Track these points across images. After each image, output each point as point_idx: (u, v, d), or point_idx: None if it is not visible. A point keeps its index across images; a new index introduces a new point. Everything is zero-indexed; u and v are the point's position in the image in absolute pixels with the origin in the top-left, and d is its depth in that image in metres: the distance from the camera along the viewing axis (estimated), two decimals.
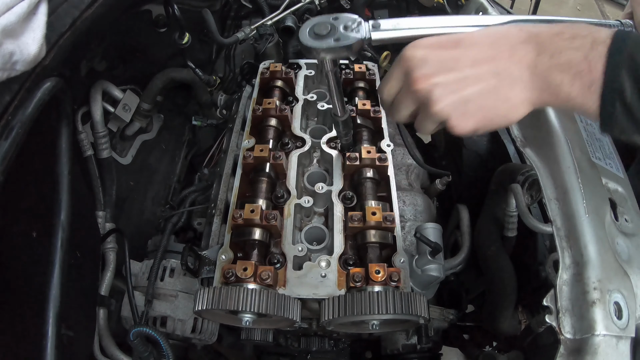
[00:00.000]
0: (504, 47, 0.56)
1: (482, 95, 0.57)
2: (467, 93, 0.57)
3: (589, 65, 0.52)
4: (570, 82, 0.54)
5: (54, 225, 0.72)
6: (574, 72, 0.53)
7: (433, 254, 0.90)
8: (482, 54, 0.56)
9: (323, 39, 0.62)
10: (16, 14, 0.56)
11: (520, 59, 0.56)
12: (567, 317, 0.66)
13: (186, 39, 1.20)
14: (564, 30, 0.55)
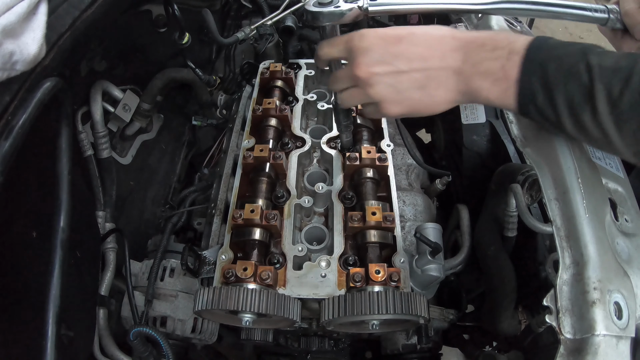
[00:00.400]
0: (437, 52, 0.65)
1: (411, 90, 0.67)
2: (400, 85, 0.67)
3: (505, 73, 0.62)
4: (489, 87, 0.63)
5: (54, 225, 0.72)
6: (492, 79, 0.63)
7: (433, 254, 0.90)
8: (418, 55, 0.65)
9: (325, 6, 0.70)
10: (16, 14, 0.56)
11: (449, 64, 0.65)
12: (567, 317, 0.66)
13: (186, 39, 1.20)
14: (487, 42, 0.64)
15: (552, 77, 0.59)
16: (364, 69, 0.66)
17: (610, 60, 0.57)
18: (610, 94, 0.56)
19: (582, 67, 0.58)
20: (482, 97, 0.65)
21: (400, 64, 0.65)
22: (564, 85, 0.59)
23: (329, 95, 1.21)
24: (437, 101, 0.68)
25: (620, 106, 0.56)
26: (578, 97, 0.58)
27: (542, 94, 0.60)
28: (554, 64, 0.59)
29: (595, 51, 0.59)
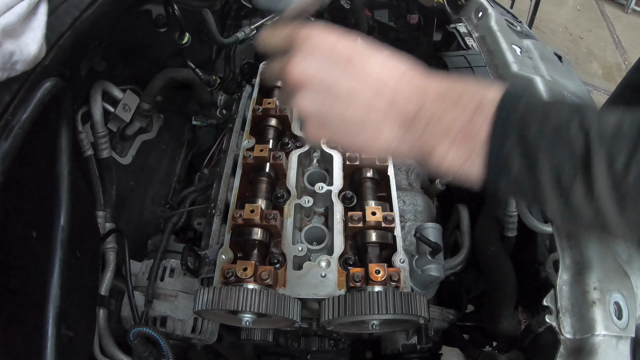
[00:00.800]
0: (387, 93, 0.51)
1: (342, 122, 0.52)
2: (329, 110, 0.52)
3: (469, 132, 0.47)
4: (446, 148, 0.49)
5: (53, 225, 0.72)
6: (450, 138, 0.48)
7: (433, 254, 0.90)
8: (364, 89, 0.51)
9: None
10: (16, 14, 0.56)
11: (399, 112, 0.51)
12: (567, 317, 0.66)
13: (186, 39, 1.20)
14: (450, 91, 0.50)
15: (533, 140, 0.45)
16: (298, 70, 0.52)
17: (610, 122, 0.44)
18: (613, 166, 0.42)
19: (575, 130, 0.44)
20: (435, 160, 0.50)
21: (341, 91, 0.51)
22: (550, 153, 0.45)
23: None
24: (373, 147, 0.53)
25: (625, 182, 0.42)
26: (568, 169, 0.44)
27: (520, 163, 0.46)
28: (536, 124, 0.45)
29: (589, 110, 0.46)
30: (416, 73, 0.52)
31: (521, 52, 1.06)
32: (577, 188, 0.45)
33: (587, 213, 0.46)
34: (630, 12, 5.50)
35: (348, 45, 0.52)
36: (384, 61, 0.52)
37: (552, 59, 1.12)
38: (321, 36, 0.52)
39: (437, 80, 0.51)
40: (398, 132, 0.51)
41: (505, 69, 1.00)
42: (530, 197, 0.48)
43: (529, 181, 0.46)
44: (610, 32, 5.12)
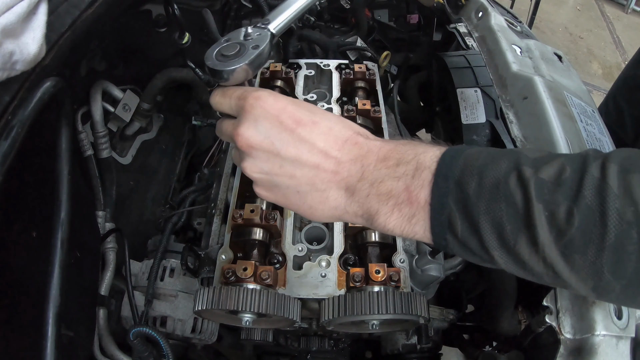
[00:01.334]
0: (331, 161, 0.52)
1: (287, 188, 0.54)
2: (278, 178, 0.54)
3: (409, 196, 0.48)
4: (388, 212, 0.50)
5: (53, 225, 0.72)
6: (392, 203, 0.49)
7: (433, 253, 0.90)
8: (309, 157, 0.52)
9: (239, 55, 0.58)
10: (16, 14, 0.56)
11: (342, 179, 0.52)
12: (567, 317, 0.66)
13: (186, 39, 1.20)
14: (391, 154, 0.51)
15: (473, 198, 0.45)
16: (244, 139, 0.53)
17: (550, 170, 0.43)
18: (554, 217, 0.42)
19: (513, 182, 0.44)
20: (380, 224, 0.51)
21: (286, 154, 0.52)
22: (489, 209, 0.44)
23: (328, 95, 1.21)
24: (319, 213, 0.55)
25: (568, 233, 0.42)
26: (511, 224, 0.44)
27: (463, 222, 0.46)
28: (474, 180, 0.45)
29: (528, 159, 0.45)
30: (359, 139, 0.53)
31: (521, 52, 1.06)
32: (521, 244, 0.44)
33: (538, 269, 0.45)
34: (630, 12, 5.50)
35: (295, 112, 0.53)
36: (329, 128, 0.53)
37: (552, 58, 1.12)
38: (269, 102, 0.53)
39: (378, 145, 0.52)
40: (343, 198, 0.52)
41: (505, 69, 1.00)
42: (480, 257, 0.48)
43: (475, 241, 0.46)
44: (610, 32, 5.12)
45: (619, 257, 0.41)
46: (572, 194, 0.42)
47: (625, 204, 0.40)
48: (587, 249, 0.42)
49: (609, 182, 0.41)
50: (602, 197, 0.41)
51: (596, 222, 0.41)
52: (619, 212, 0.40)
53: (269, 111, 0.53)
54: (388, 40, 1.72)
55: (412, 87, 1.60)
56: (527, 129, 0.84)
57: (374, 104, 1.12)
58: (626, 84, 1.80)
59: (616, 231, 0.40)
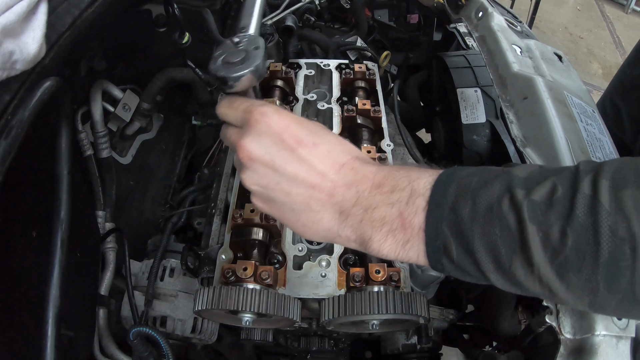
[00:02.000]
0: (327, 183, 0.53)
1: (285, 206, 0.55)
2: (273, 195, 0.55)
3: (403, 222, 0.49)
4: (382, 238, 0.50)
5: (53, 225, 0.72)
6: (386, 229, 0.50)
7: None
8: (307, 177, 0.53)
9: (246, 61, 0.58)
10: (16, 13, 0.56)
11: (337, 202, 0.53)
12: (567, 317, 0.66)
13: (186, 39, 1.20)
14: (385, 181, 0.51)
15: (467, 223, 0.45)
16: (246, 151, 0.54)
17: (542, 190, 0.44)
18: (548, 237, 0.42)
19: (507, 206, 0.44)
20: (374, 249, 0.51)
21: (285, 172, 0.53)
22: (484, 233, 0.45)
23: (328, 95, 1.21)
24: (312, 231, 0.56)
25: (562, 252, 0.42)
26: (505, 247, 0.44)
27: (458, 247, 0.46)
28: (467, 205, 0.46)
29: (520, 179, 0.46)
30: (356, 164, 0.54)
31: (521, 52, 1.06)
32: (517, 266, 0.45)
33: (533, 287, 0.46)
34: (630, 12, 5.50)
35: (297, 132, 0.54)
36: (328, 151, 0.54)
37: (553, 58, 1.12)
38: (274, 119, 0.54)
39: (374, 171, 0.53)
40: (336, 221, 0.53)
41: (505, 69, 1.00)
42: (476, 279, 0.49)
43: (471, 265, 0.47)
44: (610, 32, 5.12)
45: (614, 273, 0.41)
46: (565, 213, 0.42)
47: (617, 221, 0.40)
48: (581, 267, 0.42)
49: (601, 199, 0.41)
50: (594, 215, 0.41)
51: (590, 240, 0.41)
52: (611, 229, 0.40)
53: (272, 128, 0.53)
54: (388, 40, 1.72)
55: (412, 87, 1.60)
56: (527, 129, 0.84)
57: (374, 103, 1.12)
58: (622, 84, 1.80)
59: (609, 248, 0.41)
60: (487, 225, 0.45)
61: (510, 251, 0.44)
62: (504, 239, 0.44)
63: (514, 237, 0.44)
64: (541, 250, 0.43)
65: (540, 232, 0.43)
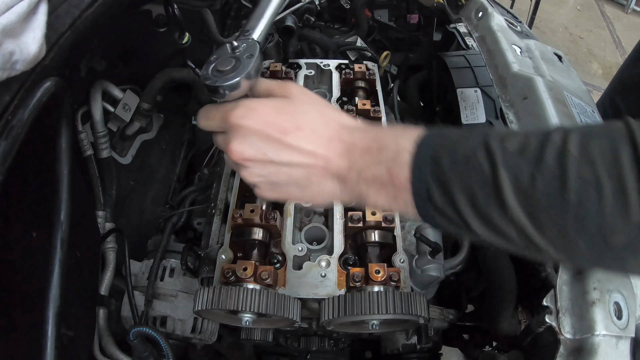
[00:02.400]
0: (320, 158, 0.57)
1: (288, 185, 0.60)
2: (274, 178, 0.59)
3: (392, 177, 0.53)
4: (376, 193, 0.55)
5: (53, 225, 0.72)
6: (378, 185, 0.54)
7: (433, 253, 0.90)
8: (300, 159, 0.57)
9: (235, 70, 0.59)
10: (16, 14, 0.56)
11: (334, 172, 0.57)
12: (567, 317, 0.66)
13: (186, 39, 1.20)
14: (373, 144, 0.55)
15: (447, 171, 0.49)
16: (237, 154, 0.58)
17: (515, 141, 0.47)
18: (519, 182, 0.46)
19: (482, 155, 0.48)
20: (371, 203, 0.57)
21: (280, 160, 0.57)
22: (461, 180, 0.48)
23: (328, 95, 1.21)
24: (319, 200, 0.61)
25: (533, 196, 0.45)
26: (481, 192, 0.48)
27: (440, 194, 0.50)
28: (447, 156, 0.50)
29: (497, 135, 0.49)
30: (343, 134, 0.58)
31: (521, 52, 1.06)
32: (492, 210, 0.48)
33: (511, 234, 0.49)
34: (630, 12, 5.50)
35: (278, 121, 0.57)
36: (312, 130, 0.57)
37: (552, 58, 1.12)
38: (252, 118, 0.57)
39: (360, 138, 0.57)
40: (337, 186, 0.58)
41: (505, 69, 1.00)
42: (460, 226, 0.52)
43: (452, 211, 0.50)
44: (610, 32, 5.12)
45: (582, 216, 0.44)
46: (535, 160, 0.45)
47: (584, 166, 0.43)
48: (551, 209, 0.45)
49: (569, 147, 0.44)
50: (562, 160, 0.44)
51: (558, 184, 0.44)
52: (578, 174, 0.43)
53: (253, 127, 0.57)
54: (388, 40, 1.72)
55: (412, 87, 1.60)
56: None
57: (374, 104, 1.12)
58: (622, 84, 1.80)
59: (576, 191, 0.43)
60: (465, 173, 0.48)
61: (486, 195, 0.48)
62: (480, 184, 0.48)
63: (489, 182, 0.47)
64: (513, 194, 0.46)
65: (511, 176, 0.46)
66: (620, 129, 0.44)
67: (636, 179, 0.41)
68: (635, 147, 0.42)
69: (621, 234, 0.43)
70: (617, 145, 0.43)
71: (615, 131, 0.44)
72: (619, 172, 0.42)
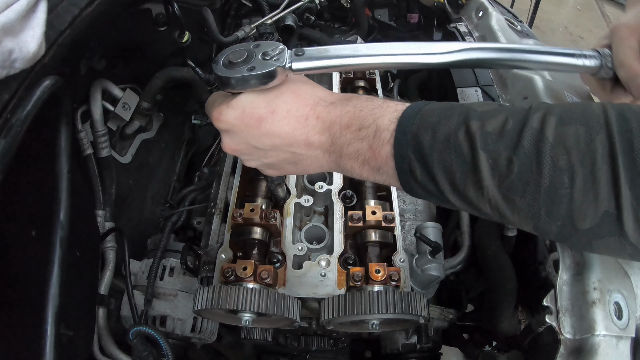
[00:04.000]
0: (300, 137, 0.60)
1: (282, 163, 0.64)
2: (268, 161, 0.64)
3: (373, 153, 0.56)
4: (360, 167, 0.58)
5: (53, 224, 0.72)
6: (361, 160, 0.58)
7: (433, 253, 0.90)
8: (281, 141, 0.60)
9: (236, 67, 0.57)
10: (15, 12, 0.56)
11: (316, 147, 0.60)
12: (567, 317, 0.66)
13: (186, 38, 1.20)
14: (353, 121, 0.57)
15: (427, 149, 0.51)
16: (228, 148, 0.64)
17: (495, 123, 0.49)
18: (496, 164, 0.47)
19: (462, 135, 0.50)
20: (356, 175, 0.60)
21: (264, 146, 0.61)
22: (441, 159, 0.51)
23: None
24: (310, 171, 0.66)
25: (508, 178, 0.47)
26: (460, 171, 0.50)
27: (421, 169, 0.53)
28: (428, 134, 0.51)
29: (477, 112, 0.51)
30: (319, 111, 0.60)
31: None
32: (469, 188, 0.50)
33: (486, 210, 0.51)
34: None
35: (253, 111, 0.59)
36: (287, 111, 0.59)
37: None
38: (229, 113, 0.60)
39: (339, 114, 0.59)
40: (324, 159, 0.62)
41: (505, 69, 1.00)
42: (439, 199, 0.55)
43: (432, 186, 0.53)
44: None
45: (553, 200, 0.46)
46: (513, 144, 0.47)
47: (559, 153, 0.45)
48: (525, 192, 0.47)
49: (546, 133, 0.46)
50: (538, 146, 0.46)
51: (533, 169, 0.46)
52: (553, 160, 0.45)
53: (231, 122, 0.60)
54: (388, 39, 1.72)
55: (412, 87, 1.60)
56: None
57: None
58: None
59: (550, 176, 0.45)
60: (445, 152, 0.51)
61: (464, 175, 0.50)
62: (459, 164, 0.50)
63: (467, 162, 0.49)
64: (490, 175, 0.48)
65: (489, 159, 0.48)
66: (598, 116, 0.45)
67: (608, 170, 0.43)
68: (610, 137, 0.44)
69: (589, 219, 0.45)
70: (592, 133, 0.44)
71: (592, 118, 0.46)
72: (592, 161, 0.44)
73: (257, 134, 0.60)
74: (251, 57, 0.58)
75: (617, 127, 0.44)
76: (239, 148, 0.63)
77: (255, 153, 0.63)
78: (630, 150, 0.43)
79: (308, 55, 0.59)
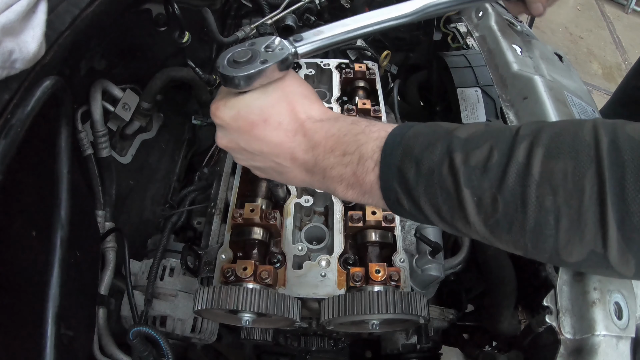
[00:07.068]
0: (286, 152, 0.60)
1: (268, 170, 0.65)
2: (256, 164, 0.65)
3: (358, 179, 0.56)
4: (344, 190, 0.58)
5: (53, 225, 0.72)
6: (345, 184, 0.57)
7: (433, 253, 0.90)
8: (269, 150, 0.61)
9: (245, 65, 0.58)
10: (15, 12, 0.56)
11: (300, 164, 0.61)
12: (567, 317, 0.66)
13: (186, 38, 1.20)
14: (336, 146, 0.57)
15: (412, 182, 0.51)
16: (220, 144, 0.65)
17: (479, 155, 0.47)
18: (481, 202, 0.46)
19: (445, 170, 0.48)
20: (340, 197, 0.61)
21: (253, 150, 0.62)
22: (426, 193, 0.50)
23: (328, 94, 1.21)
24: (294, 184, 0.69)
25: (494, 216, 0.46)
26: (446, 206, 0.50)
27: (408, 201, 0.52)
28: (412, 168, 0.51)
29: (460, 141, 0.49)
30: (307, 128, 0.60)
31: (521, 51, 1.06)
32: (457, 221, 0.50)
33: (475, 237, 0.52)
34: (630, 12, 5.49)
35: (247, 115, 0.60)
36: (279, 123, 0.60)
37: (553, 58, 1.12)
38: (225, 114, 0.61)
39: (324, 136, 0.59)
40: (307, 177, 0.62)
41: (505, 69, 1.00)
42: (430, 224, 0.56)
43: (421, 216, 0.54)
44: (610, 32, 5.11)
45: (539, 238, 0.45)
46: (497, 181, 0.46)
47: (545, 193, 0.43)
48: (510, 230, 0.46)
49: (532, 169, 0.44)
50: (523, 185, 0.44)
51: (518, 208, 0.45)
52: (538, 200, 0.43)
53: (226, 121, 0.62)
54: (388, 39, 1.72)
55: (412, 87, 1.60)
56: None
57: (374, 103, 1.12)
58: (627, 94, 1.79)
59: (535, 217, 0.44)
60: (430, 187, 0.50)
61: (450, 210, 0.50)
62: (444, 199, 0.50)
63: (452, 198, 0.49)
64: (475, 213, 0.48)
65: (474, 196, 0.47)
66: (589, 147, 0.43)
67: (596, 211, 0.41)
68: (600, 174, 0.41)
69: (575, 256, 0.45)
70: (581, 170, 0.42)
71: (582, 150, 0.43)
72: (579, 202, 0.42)
73: (248, 138, 0.61)
74: (256, 52, 0.59)
75: (608, 161, 0.41)
76: (230, 145, 0.65)
77: (245, 154, 0.65)
78: (621, 190, 0.40)
79: (307, 39, 0.61)
